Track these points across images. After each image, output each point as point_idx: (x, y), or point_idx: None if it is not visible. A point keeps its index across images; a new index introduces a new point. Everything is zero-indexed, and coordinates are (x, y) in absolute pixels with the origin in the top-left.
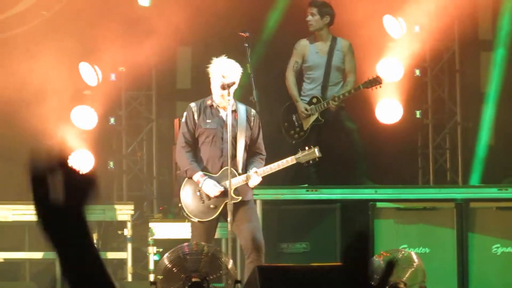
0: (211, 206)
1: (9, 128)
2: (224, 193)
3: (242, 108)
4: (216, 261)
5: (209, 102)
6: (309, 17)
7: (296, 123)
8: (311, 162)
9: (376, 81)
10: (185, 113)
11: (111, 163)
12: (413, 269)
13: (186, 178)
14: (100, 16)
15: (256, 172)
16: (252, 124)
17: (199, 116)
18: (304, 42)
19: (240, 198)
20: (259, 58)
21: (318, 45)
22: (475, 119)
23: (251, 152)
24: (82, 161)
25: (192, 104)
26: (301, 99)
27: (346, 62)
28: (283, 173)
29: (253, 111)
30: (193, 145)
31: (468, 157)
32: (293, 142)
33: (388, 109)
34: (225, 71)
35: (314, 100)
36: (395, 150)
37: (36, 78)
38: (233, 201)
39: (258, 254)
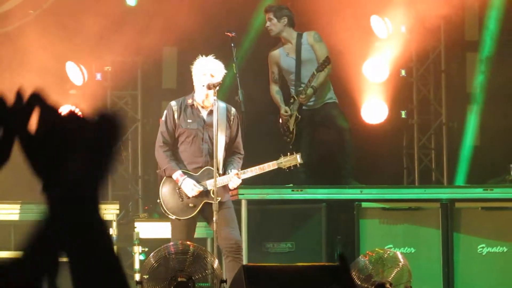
0: (190, 204)
1: None
2: (203, 193)
3: (222, 106)
4: (201, 261)
5: (190, 101)
6: (267, 23)
7: (284, 127)
8: (292, 168)
9: (326, 62)
10: (165, 112)
11: None
12: (398, 269)
13: (165, 176)
14: (87, 15)
15: (237, 174)
16: (231, 123)
17: (179, 115)
18: (274, 52)
19: (219, 198)
20: (244, 58)
21: (286, 48)
22: (460, 119)
23: (229, 151)
24: None
25: (173, 103)
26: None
27: (316, 51)
28: (270, 171)
29: (233, 110)
30: (172, 144)
31: (453, 157)
32: (290, 147)
33: (374, 109)
34: (212, 71)
35: (292, 100)
36: (381, 150)
37: (22, 77)
38: (211, 201)
39: (237, 253)
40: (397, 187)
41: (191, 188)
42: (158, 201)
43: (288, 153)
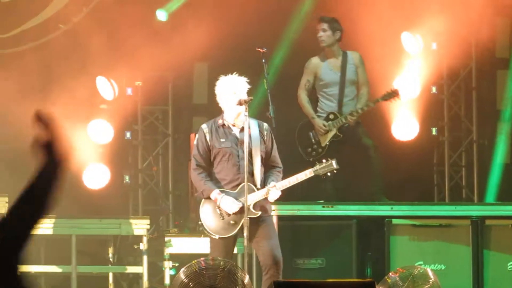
0: (231, 222)
1: (26, 143)
2: (243, 209)
3: (253, 123)
4: (232, 276)
5: (220, 122)
6: (321, 33)
7: (313, 140)
8: (329, 174)
9: (394, 94)
10: (197, 135)
11: (127, 177)
12: (428, 285)
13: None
14: (118, 30)
15: (274, 186)
16: (265, 138)
17: (211, 136)
18: (315, 60)
19: (259, 213)
20: (275, 74)
21: (330, 62)
22: (491, 136)
23: (267, 166)
24: (97, 175)
25: (203, 126)
26: (317, 116)
27: (359, 74)
28: (299, 188)
29: (265, 125)
30: (206, 166)
31: (484, 174)
32: (310, 159)
33: (404, 126)
34: (239, 88)
35: (331, 116)
36: (411, 167)
37: (53, 91)
38: (252, 216)
39: (277, 270)
40: (427, 203)
41: (230, 205)
42: (199, 223)
43: (323, 160)
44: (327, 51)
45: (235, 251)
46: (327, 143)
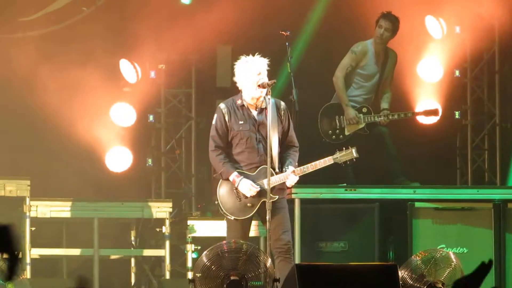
0: (248, 204)
1: (50, 126)
2: (260, 192)
3: (273, 102)
4: (254, 260)
5: (239, 102)
6: (382, 31)
7: (337, 125)
8: (348, 162)
9: (433, 113)
10: (215, 116)
11: (150, 161)
12: (451, 268)
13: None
14: (141, 13)
15: (293, 171)
16: (282, 118)
17: (230, 117)
18: (364, 48)
19: (277, 197)
20: (299, 57)
21: (376, 55)
22: None
23: (284, 146)
24: (120, 158)
25: (222, 106)
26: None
27: (390, 73)
28: (321, 172)
29: (282, 104)
30: (224, 147)
31: (507, 158)
32: (327, 141)
33: (428, 107)
34: (264, 69)
35: (364, 110)
36: (434, 151)
37: (75, 74)
38: (271, 200)
39: (287, 254)
40: (450, 187)
41: (248, 188)
42: (216, 202)
43: (344, 148)
44: (377, 46)
45: (257, 234)
46: (351, 134)
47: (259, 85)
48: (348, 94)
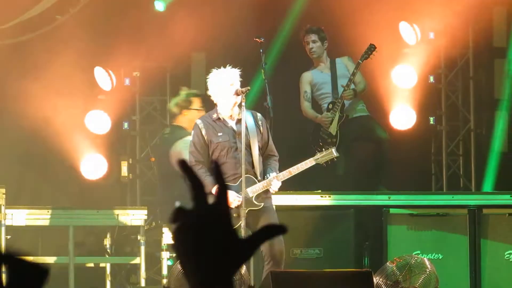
0: (234, 215)
1: (24, 134)
2: (246, 201)
3: (248, 113)
4: None
5: (215, 116)
6: (311, 45)
7: (326, 136)
8: (329, 162)
9: (371, 49)
10: (192, 132)
11: (125, 168)
12: (426, 275)
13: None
14: (115, 20)
15: (276, 177)
16: (261, 128)
17: (207, 131)
18: (306, 73)
19: (262, 204)
20: (273, 64)
21: (319, 68)
22: (488, 126)
23: (264, 155)
24: (95, 166)
25: (198, 121)
26: None
27: (349, 67)
28: (302, 176)
29: (259, 115)
30: (205, 161)
31: (481, 164)
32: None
33: (402, 115)
34: (236, 79)
35: (330, 106)
36: (409, 156)
37: (49, 83)
38: (254, 208)
39: (278, 261)
40: (425, 193)
41: (232, 198)
42: None
43: (323, 149)
44: (316, 61)
45: None
46: (337, 129)
47: (234, 94)
48: (324, 110)
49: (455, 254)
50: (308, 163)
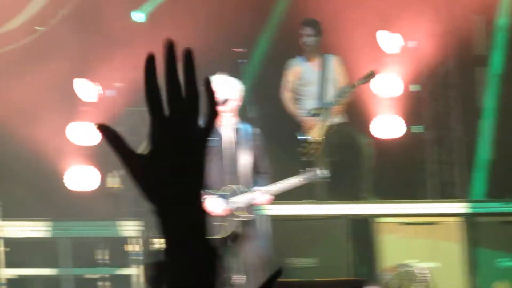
0: (223, 224)
1: (9, 147)
2: (231, 211)
3: (244, 126)
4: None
5: None
6: (305, 38)
7: (306, 140)
8: (316, 181)
9: (370, 75)
10: None
11: (116, 179)
12: (419, 283)
13: None
14: (96, 31)
15: (259, 191)
16: (254, 142)
17: None
18: (295, 61)
19: (253, 216)
20: (254, 74)
21: (311, 64)
22: (473, 133)
23: (257, 172)
24: (86, 177)
25: None
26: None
27: (339, 75)
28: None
29: (257, 130)
30: None
31: (467, 171)
32: (311, 159)
33: (385, 124)
34: (219, 87)
35: (316, 112)
36: (395, 166)
37: (32, 95)
38: (240, 219)
39: (265, 270)
40: (415, 202)
41: (214, 207)
42: None
43: (307, 168)
44: (309, 54)
45: None
46: (323, 138)
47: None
48: (302, 106)
49: (448, 262)
50: (297, 182)
